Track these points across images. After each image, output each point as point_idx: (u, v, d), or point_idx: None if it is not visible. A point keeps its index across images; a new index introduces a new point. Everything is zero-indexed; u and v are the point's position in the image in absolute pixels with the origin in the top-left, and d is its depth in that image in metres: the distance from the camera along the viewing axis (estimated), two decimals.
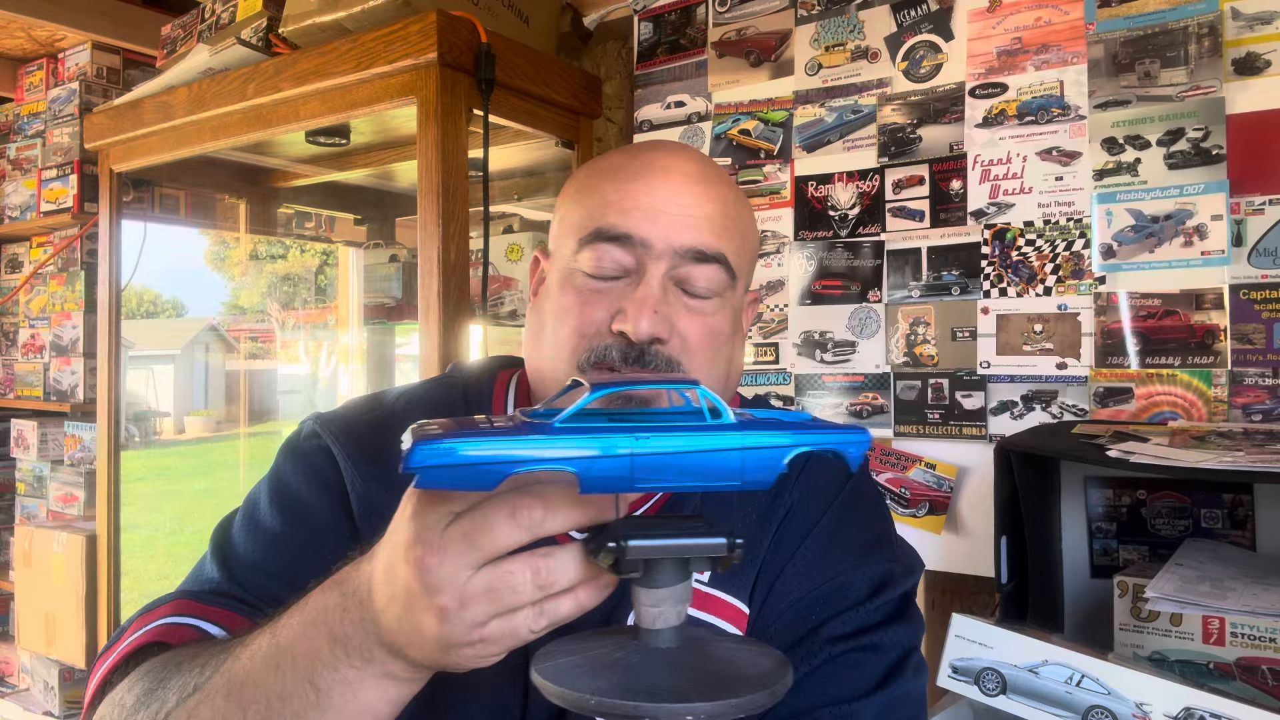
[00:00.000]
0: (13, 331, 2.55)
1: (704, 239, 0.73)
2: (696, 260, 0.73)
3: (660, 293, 0.72)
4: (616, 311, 0.72)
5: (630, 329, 0.70)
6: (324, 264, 3.35)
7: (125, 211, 2.00)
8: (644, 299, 0.71)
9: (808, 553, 0.76)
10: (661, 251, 0.72)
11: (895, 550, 0.78)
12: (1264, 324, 1.10)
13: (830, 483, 0.79)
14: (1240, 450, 0.93)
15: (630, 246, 0.72)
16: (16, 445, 2.47)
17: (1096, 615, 1.13)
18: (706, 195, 0.74)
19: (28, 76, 2.43)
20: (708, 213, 0.74)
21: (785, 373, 1.45)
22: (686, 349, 0.73)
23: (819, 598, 0.74)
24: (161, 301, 6.90)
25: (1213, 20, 1.14)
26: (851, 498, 0.79)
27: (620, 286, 0.73)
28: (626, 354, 0.71)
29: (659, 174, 0.74)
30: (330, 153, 1.94)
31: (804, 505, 0.77)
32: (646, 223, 0.72)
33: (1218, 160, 1.13)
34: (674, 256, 0.72)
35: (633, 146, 0.81)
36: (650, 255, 0.72)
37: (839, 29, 1.43)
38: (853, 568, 0.75)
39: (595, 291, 0.73)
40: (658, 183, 0.74)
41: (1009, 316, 1.27)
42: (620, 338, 0.71)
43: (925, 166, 1.34)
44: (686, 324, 0.73)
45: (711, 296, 0.74)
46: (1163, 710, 0.79)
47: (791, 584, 0.74)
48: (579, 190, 0.78)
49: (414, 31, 1.38)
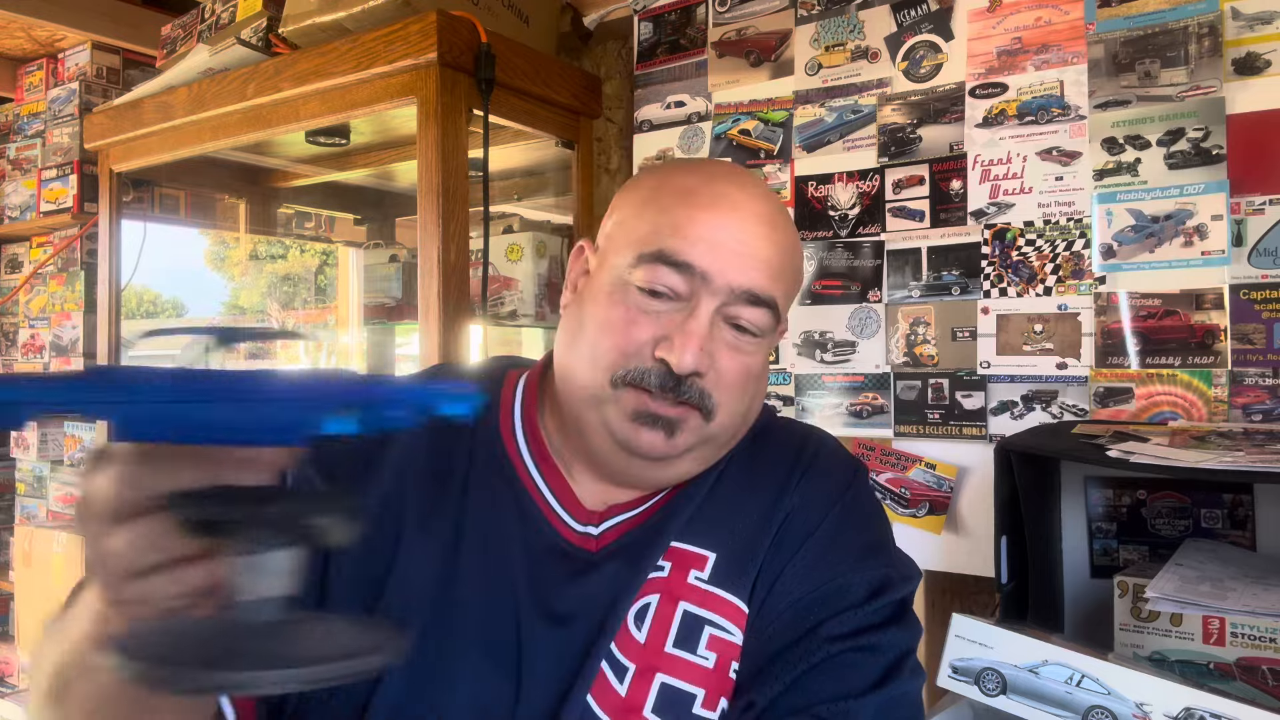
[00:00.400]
0: (13, 331, 2.55)
1: (761, 282, 0.73)
2: (749, 302, 0.73)
3: (709, 328, 0.72)
4: (662, 338, 0.72)
5: (675, 360, 0.70)
6: (324, 264, 3.35)
7: (125, 211, 2.00)
8: (692, 333, 0.71)
9: (808, 554, 0.76)
10: (718, 288, 0.72)
11: (894, 557, 0.79)
12: (1264, 324, 1.10)
13: (832, 489, 0.80)
14: (1240, 450, 0.93)
15: (689, 275, 0.72)
16: (16, 445, 2.47)
17: (1096, 615, 1.13)
18: (770, 238, 0.75)
19: (28, 76, 2.43)
20: (769, 256, 0.74)
21: (785, 373, 1.45)
22: (720, 384, 0.73)
23: (818, 598, 0.74)
24: (161, 301, 6.85)
25: (1213, 20, 1.14)
26: (852, 503, 0.80)
27: (669, 312, 0.72)
28: (665, 382, 0.71)
29: (731, 209, 0.74)
30: (330, 153, 1.94)
31: (805, 509, 0.78)
32: (710, 255, 0.72)
33: (1218, 160, 1.13)
34: (729, 294, 0.72)
35: (706, 168, 0.80)
36: (706, 289, 0.72)
37: (839, 29, 1.43)
38: (852, 570, 0.76)
39: (644, 312, 0.73)
40: (729, 218, 0.73)
41: (1009, 316, 1.27)
42: (661, 364, 0.71)
43: (925, 166, 1.34)
44: (726, 361, 0.73)
45: (756, 336, 0.75)
46: (1163, 710, 0.79)
47: (791, 584, 0.75)
48: (646, 202, 0.77)
49: (414, 31, 1.38)
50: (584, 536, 0.78)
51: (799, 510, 0.78)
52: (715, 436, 0.76)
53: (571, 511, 0.79)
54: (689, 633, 0.74)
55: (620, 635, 0.73)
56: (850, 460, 0.86)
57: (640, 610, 0.74)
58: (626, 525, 0.79)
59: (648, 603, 0.75)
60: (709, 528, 0.78)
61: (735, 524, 0.78)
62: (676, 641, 0.73)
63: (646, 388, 0.72)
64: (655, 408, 0.72)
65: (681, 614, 0.74)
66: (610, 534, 0.78)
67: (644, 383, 0.71)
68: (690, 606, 0.74)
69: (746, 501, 0.79)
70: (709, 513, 0.79)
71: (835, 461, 0.84)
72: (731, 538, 0.77)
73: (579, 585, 0.75)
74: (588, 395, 0.74)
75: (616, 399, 0.72)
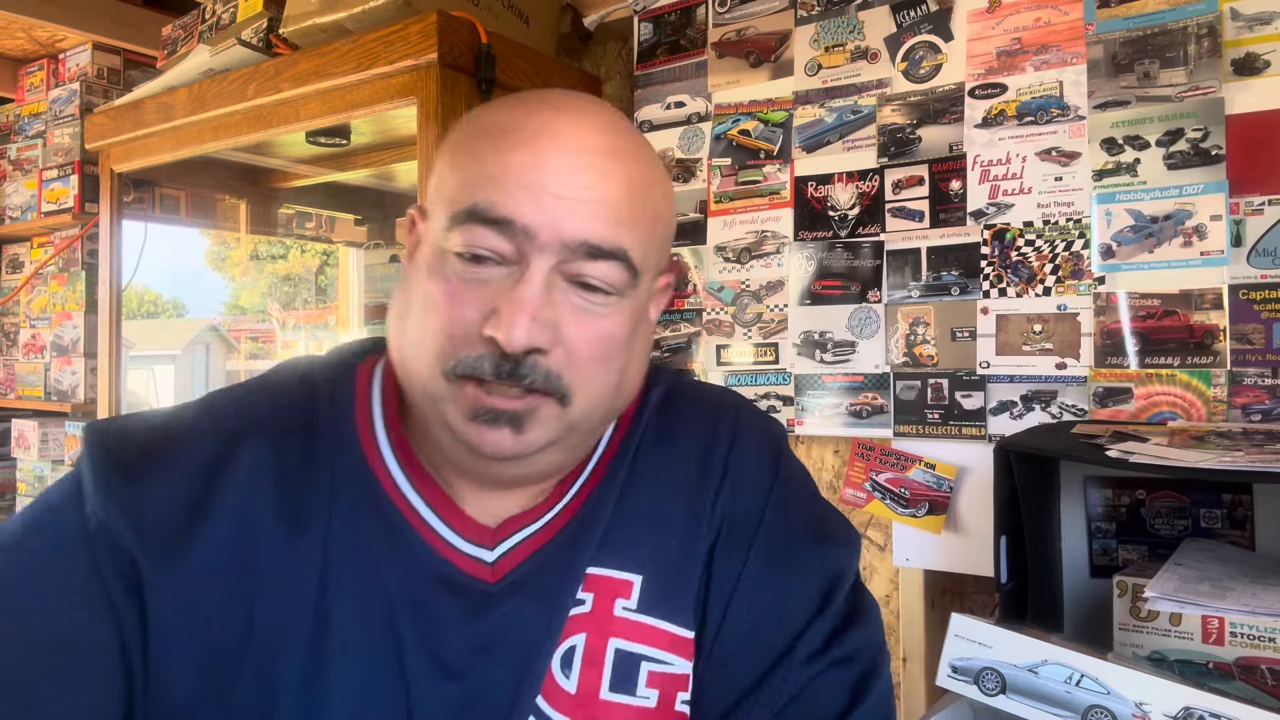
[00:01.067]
0: (13, 332, 2.55)
1: (600, 231, 0.60)
2: (590, 255, 0.60)
3: (543, 292, 0.59)
4: (490, 311, 0.59)
5: (502, 337, 0.58)
6: (324, 264, 3.36)
7: (126, 212, 2.00)
8: (522, 301, 0.58)
9: (756, 565, 0.68)
10: (546, 243, 0.59)
11: (836, 531, 0.72)
12: (1263, 324, 1.11)
13: (759, 477, 0.71)
14: (1240, 450, 0.93)
15: (510, 233, 0.59)
16: (17, 445, 2.47)
17: (1096, 615, 1.13)
18: (608, 173, 0.61)
19: (28, 77, 2.43)
20: (608, 196, 0.60)
21: (785, 373, 1.45)
22: (572, 361, 0.61)
23: (782, 615, 0.67)
24: (162, 302, 6.89)
25: (1212, 21, 1.15)
26: (783, 490, 0.72)
27: (499, 277, 0.60)
28: (500, 368, 0.59)
29: (551, 143, 0.60)
30: (330, 153, 1.94)
31: (740, 507, 0.70)
32: (531, 206, 0.59)
33: (1217, 160, 1.13)
34: (563, 249, 0.59)
35: (527, 98, 0.64)
36: (534, 246, 0.59)
37: (839, 29, 1.43)
38: (808, 572, 0.69)
39: (466, 283, 0.60)
40: (549, 154, 0.59)
41: (1008, 316, 1.27)
42: (492, 345, 0.59)
43: (925, 167, 1.34)
44: (574, 329, 0.61)
45: (608, 294, 0.62)
46: (1162, 710, 0.79)
47: (748, 602, 0.67)
48: (458, 148, 0.64)
49: (414, 32, 1.38)
50: (476, 563, 0.65)
51: (734, 509, 0.70)
52: (579, 422, 0.63)
53: (458, 529, 0.66)
54: (625, 673, 0.65)
55: (547, 686, 0.63)
56: (769, 430, 0.76)
57: (566, 654, 0.64)
58: (528, 546, 0.67)
59: (573, 645, 0.65)
60: (629, 544, 0.67)
61: (659, 536, 0.68)
62: (612, 685, 0.64)
63: (481, 377, 0.59)
64: (494, 402, 0.60)
65: (614, 653, 0.65)
66: (510, 559, 0.66)
67: (478, 372, 0.59)
68: (622, 643, 0.65)
69: (666, 503, 0.69)
70: (626, 522, 0.68)
71: (757, 437, 0.74)
72: (657, 554, 0.68)
73: (477, 626, 0.63)
74: (423, 392, 0.63)
75: (453, 396, 0.61)
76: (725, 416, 0.73)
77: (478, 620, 0.63)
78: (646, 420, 0.72)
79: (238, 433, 0.64)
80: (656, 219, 0.65)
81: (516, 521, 0.67)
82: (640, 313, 0.67)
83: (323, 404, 0.68)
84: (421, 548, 0.65)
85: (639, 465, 0.70)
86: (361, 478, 0.65)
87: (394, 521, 0.65)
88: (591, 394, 0.63)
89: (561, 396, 0.61)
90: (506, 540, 0.66)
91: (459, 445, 0.63)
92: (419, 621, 0.62)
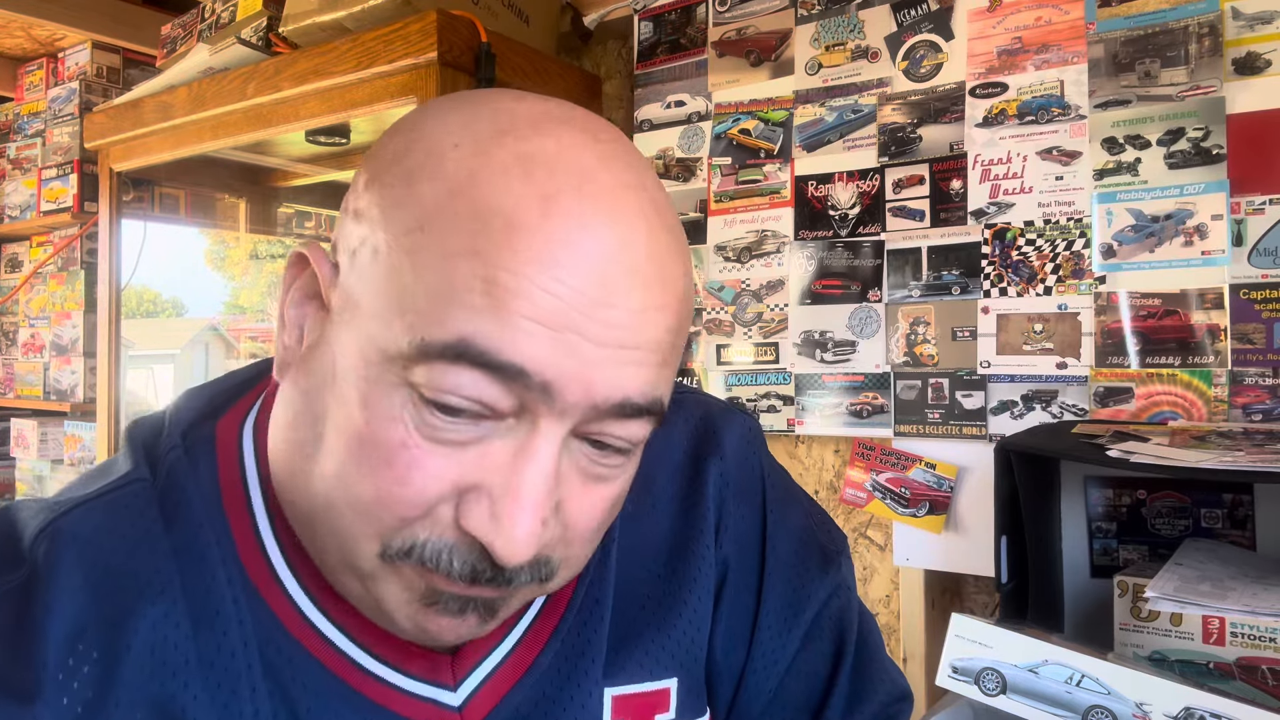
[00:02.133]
0: (12, 331, 2.55)
1: (643, 383, 0.42)
2: (621, 415, 0.42)
3: (554, 472, 0.42)
4: (468, 489, 0.41)
5: (500, 546, 0.40)
6: None
7: (125, 211, 2.00)
8: (528, 494, 0.40)
9: (769, 618, 0.57)
10: (571, 405, 0.41)
11: (829, 542, 0.62)
12: (1264, 324, 1.10)
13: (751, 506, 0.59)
14: (1240, 450, 0.93)
15: (515, 385, 0.40)
16: (16, 445, 2.47)
17: (1096, 615, 1.13)
18: (659, 304, 0.42)
19: (28, 76, 2.43)
20: (657, 335, 0.42)
21: (785, 372, 1.45)
22: (566, 539, 0.44)
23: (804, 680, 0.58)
24: (161, 301, 6.88)
25: (1213, 20, 1.14)
26: (776, 513, 0.60)
27: (484, 436, 0.41)
28: (479, 573, 0.42)
29: (586, 258, 0.40)
30: (330, 152, 1.94)
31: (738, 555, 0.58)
32: (555, 354, 0.39)
33: (1218, 160, 1.13)
34: (589, 411, 0.41)
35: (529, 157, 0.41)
36: (551, 407, 0.40)
37: (839, 29, 1.43)
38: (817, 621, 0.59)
39: (435, 442, 0.40)
40: (584, 275, 0.40)
41: (1009, 316, 1.26)
42: (467, 542, 0.41)
43: (925, 166, 1.34)
44: (577, 505, 0.44)
45: (628, 454, 0.45)
46: (1163, 710, 0.79)
47: (765, 673, 0.57)
48: (433, 215, 0.41)
49: (414, 31, 1.38)
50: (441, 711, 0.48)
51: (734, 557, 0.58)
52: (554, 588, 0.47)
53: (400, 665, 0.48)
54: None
55: None
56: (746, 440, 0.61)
57: None
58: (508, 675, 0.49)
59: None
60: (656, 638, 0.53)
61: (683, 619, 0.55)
62: None
63: (445, 573, 0.42)
64: (458, 590, 0.43)
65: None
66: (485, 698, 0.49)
67: (442, 569, 0.42)
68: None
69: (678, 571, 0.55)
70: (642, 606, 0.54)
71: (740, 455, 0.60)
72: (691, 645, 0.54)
73: None
74: (343, 559, 0.43)
75: (393, 573, 0.43)
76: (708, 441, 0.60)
77: None
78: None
79: (112, 594, 0.43)
80: (687, 325, 0.46)
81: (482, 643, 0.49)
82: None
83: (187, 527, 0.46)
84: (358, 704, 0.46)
85: (629, 528, 0.55)
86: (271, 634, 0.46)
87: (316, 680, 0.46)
88: (577, 567, 0.47)
89: (545, 577, 0.45)
90: (474, 670, 0.49)
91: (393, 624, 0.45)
92: None
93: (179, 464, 0.48)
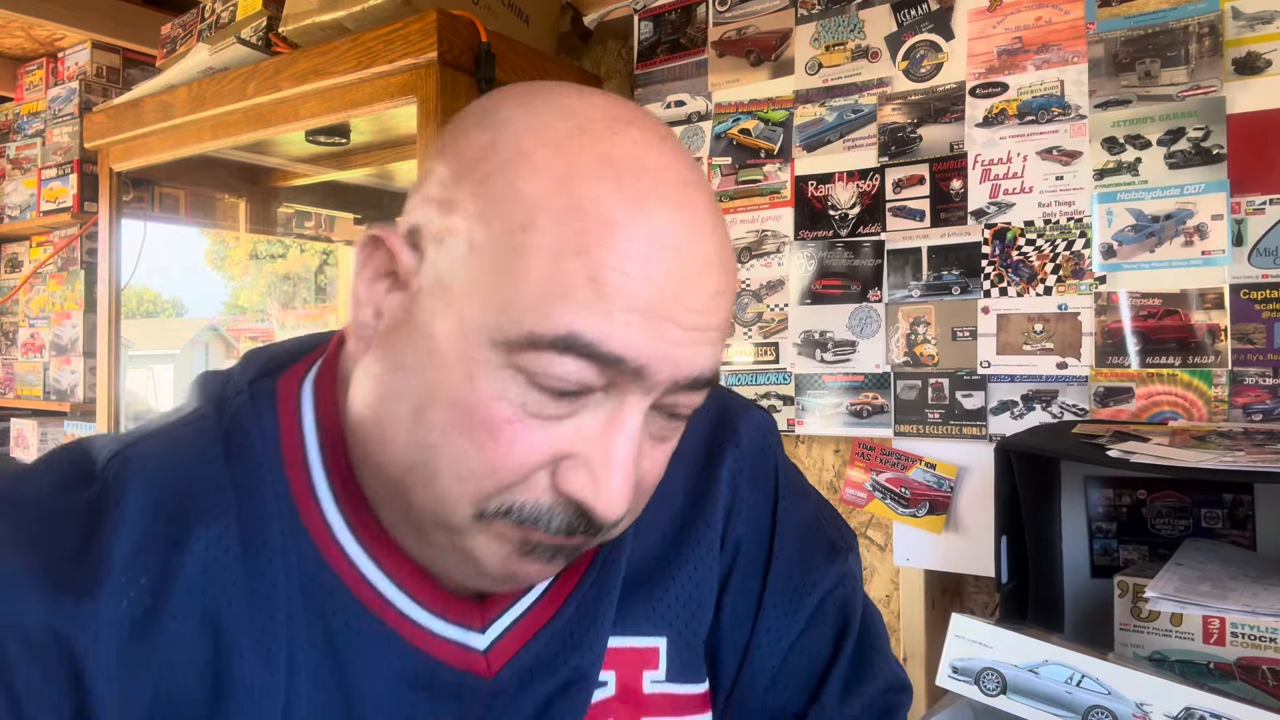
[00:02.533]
0: (12, 331, 2.55)
1: (714, 360, 0.49)
2: (692, 388, 0.49)
3: (640, 439, 0.48)
4: (564, 456, 0.46)
5: (599, 507, 0.46)
6: (324, 263, 3.36)
7: (125, 211, 2.00)
8: (620, 459, 0.46)
9: (775, 598, 0.61)
10: (659, 383, 0.47)
11: (838, 537, 0.66)
12: (1264, 324, 1.10)
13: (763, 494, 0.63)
14: (1240, 450, 0.93)
15: (611, 369, 0.45)
16: (16, 445, 2.46)
17: (1096, 615, 1.13)
18: (724, 290, 0.49)
19: (27, 76, 2.43)
20: (723, 318, 0.49)
21: (785, 372, 1.45)
22: (637, 493, 0.50)
23: (806, 658, 0.61)
24: (161, 301, 6.89)
25: (1213, 20, 1.14)
26: (787, 504, 0.64)
27: (574, 413, 0.46)
28: (574, 526, 0.47)
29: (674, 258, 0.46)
30: (330, 152, 1.94)
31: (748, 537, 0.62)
32: (650, 341, 0.45)
33: (1218, 160, 1.13)
34: (670, 387, 0.48)
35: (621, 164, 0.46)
36: (639, 385, 0.46)
37: (839, 28, 1.43)
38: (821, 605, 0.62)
39: (536, 417, 0.46)
40: (670, 272, 0.45)
41: (1009, 316, 1.26)
42: (565, 503, 0.47)
43: (925, 166, 1.34)
44: (648, 465, 0.51)
45: (685, 419, 0.52)
46: (1163, 710, 0.79)
47: (769, 649, 0.61)
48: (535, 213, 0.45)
49: (414, 31, 1.38)
50: (465, 653, 0.52)
51: (745, 539, 0.62)
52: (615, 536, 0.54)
53: (435, 608, 0.52)
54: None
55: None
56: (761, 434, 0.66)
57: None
58: (531, 623, 0.54)
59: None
60: (647, 600, 0.58)
61: (682, 584, 0.59)
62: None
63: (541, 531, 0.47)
64: (543, 538, 0.48)
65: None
66: (509, 643, 0.53)
67: (540, 525, 0.47)
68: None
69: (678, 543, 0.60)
70: (639, 572, 0.58)
71: (754, 444, 0.65)
72: (684, 609, 0.59)
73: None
74: (434, 517, 0.48)
75: (485, 528, 0.48)
76: (724, 431, 0.64)
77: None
78: None
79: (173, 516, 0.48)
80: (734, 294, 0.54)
81: (507, 595, 0.54)
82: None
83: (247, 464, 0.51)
84: (392, 641, 0.51)
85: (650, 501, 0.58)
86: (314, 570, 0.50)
87: (354, 616, 0.50)
88: (634, 518, 0.53)
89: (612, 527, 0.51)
90: (500, 617, 0.54)
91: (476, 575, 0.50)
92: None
93: (244, 409, 0.53)
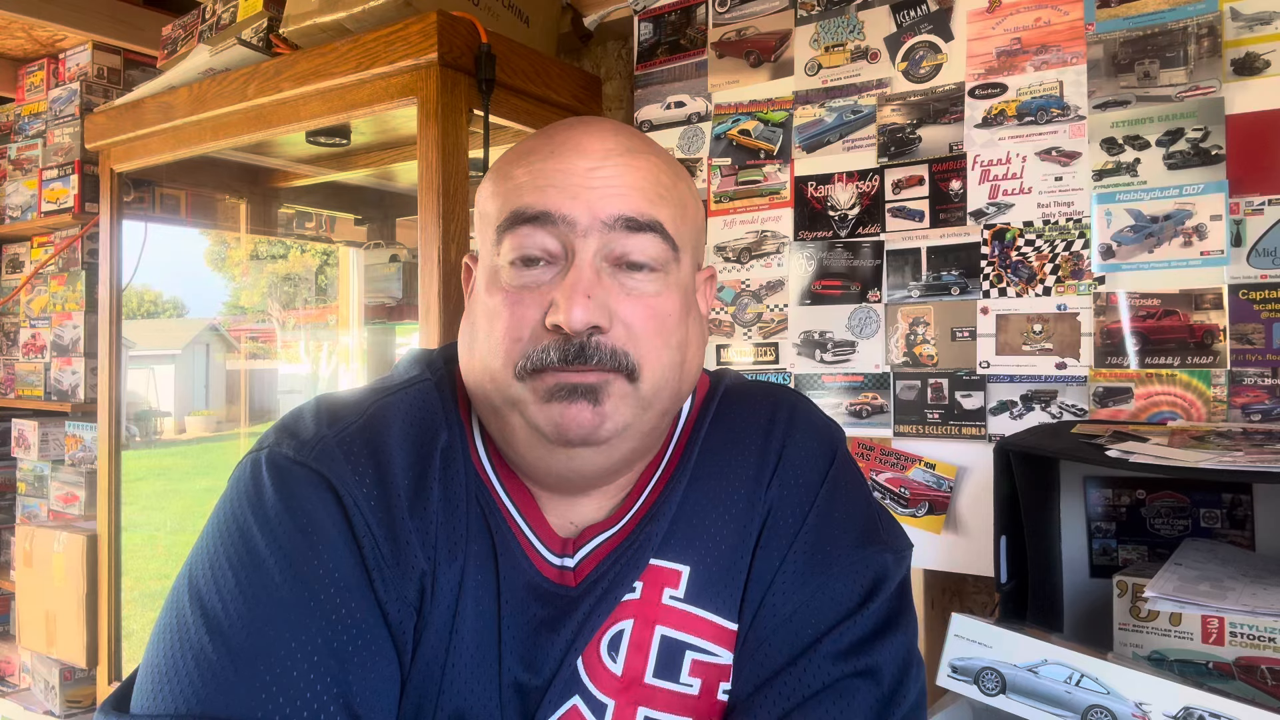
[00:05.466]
0: (13, 331, 2.55)
1: (634, 206, 0.66)
2: (629, 229, 0.65)
3: (593, 275, 0.65)
4: (549, 305, 0.64)
5: (564, 320, 0.63)
6: (324, 264, 3.36)
7: (126, 211, 2.00)
8: (574, 284, 0.63)
9: (798, 557, 0.70)
10: (588, 227, 0.65)
11: (885, 535, 0.73)
12: (1263, 324, 1.11)
13: (810, 473, 0.74)
14: (1239, 450, 0.93)
15: (552, 226, 0.65)
16: (17, 445, 2.47)
17: (1096, 615, 1.13)
18: (631, 165, 0.67)
19: (28, 77, 2.43)
20: (634, 182, 0.67)
21: (785, 372, 1.45)
22: (632, 336, 0.65)
23: (814, 609, 0.68)
24: (162, 301, 6.91)
25: (1212, 21, 1.15)
26: (833, 487, 0.74)
27: (551, 277, 0.66)
28: (565, 351, 0.64)
29: (575, 151, 0.67)
30: (331, 153, 1.94)
31: (785, 503, 0.72)
32: (567, 199, 0.65)
33: (1217, 160, 1.13)
34: (603, 230, 0.65)
35: (549, 127, 0.72)
36: (576, 233, 0.65)
37: (839, 29, 1.43)
38: (846, 571, 0.70)
39: (524, 288, 0.66)
40: (575, 160, 0.66)
41: (1008, 316, 1.27)
42: (556, 333, 0.64)
43: (925, 167, 1.34)
44: (628, 309, 0.66)
45: (653, 270, 0.67)
46: (1162, 710, 0.79)
47: (784, 595, 0.69)
48: (492, 181, 0.71)
49: (414, 32, 1.38)
50: (561, 572, 0.70)
51: (780, 504, 0.72)
52: (651, 399, 0.67)
53: (545, 541, 0.71)
54: (669, 660, 0.68)
55: (594, 667, 0.67)
56: (825, 428, 0.78)
57: (614, 638, 0.68)
58: (602, 550, 0.71)
59: (621, 629, 0.68)
60: (685, 537, 0.71)
61: (712, 530, 0.71)
62: (656, 670, 0.68)
63: (549, 367, 0.64)
64: (569, 377, 0.64)
65: (659, 640, 0.68)
66: (587, 564, 0.71)
67: (546, 363, 0.64)
68: (668, 630, 0.69)
69: (722, 499, 0.72)
70: (684, 517, 0.72)
71: (810, 436, 0.76)
72: (707, 547, 0.71)
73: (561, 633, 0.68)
74: (501, 400, 0.67)
75: (528, 388, 0.65)
76: (780, 414, 0.76)
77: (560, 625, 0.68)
78: (709, 419, 0.76)
79: (390, 423, 0.70)
80: (684, 204, 0.71)
81: (594, 529, 0.72)
82: (688, 295, 0.71)
83: (445, 408, 0.73)
84: (522, 558, 0.70)
85: (702, 461, 0.74)
86: (481, 492, 0.71)
87: (502, 532, 0.70)
88: (657, 368, 0.67)
89: (630, 371, 0.65)
90: (584, 547, 0.71)
91: (544, 442, 0.66)
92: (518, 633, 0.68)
93: (444, 378, 0.76)
